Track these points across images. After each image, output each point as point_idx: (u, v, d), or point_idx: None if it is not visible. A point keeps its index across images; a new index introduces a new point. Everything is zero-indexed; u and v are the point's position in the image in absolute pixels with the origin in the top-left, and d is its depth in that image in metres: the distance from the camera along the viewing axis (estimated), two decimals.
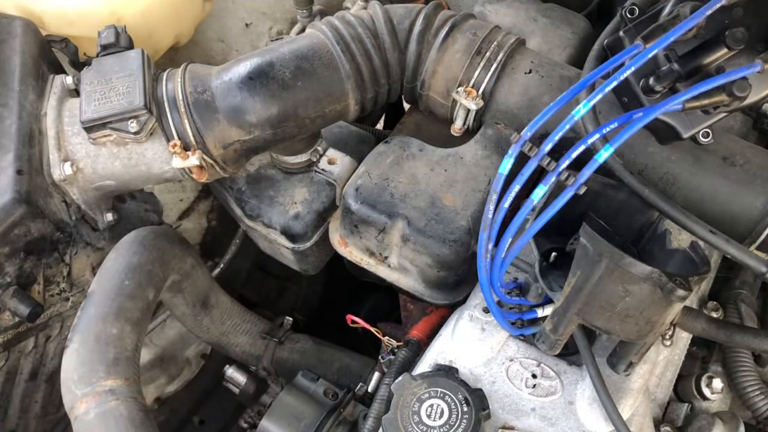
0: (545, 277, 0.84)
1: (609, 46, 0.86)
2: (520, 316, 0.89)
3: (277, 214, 1.08)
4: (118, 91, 0.94)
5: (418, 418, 0.80)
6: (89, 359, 0.83)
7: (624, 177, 0.81)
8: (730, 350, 0.97)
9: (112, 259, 0.95)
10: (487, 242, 0.79)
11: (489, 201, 0.77)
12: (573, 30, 1.23)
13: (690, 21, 0.74)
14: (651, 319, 0.72)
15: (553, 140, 0.75)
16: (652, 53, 0.74)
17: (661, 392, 0.92)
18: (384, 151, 1.01)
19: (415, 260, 0.99)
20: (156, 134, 0.95)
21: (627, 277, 0.69)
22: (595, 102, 0.75)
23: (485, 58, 0.99)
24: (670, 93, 0.81)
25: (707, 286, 1.02)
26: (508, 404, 0.85)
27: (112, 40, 0.99)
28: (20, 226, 0.91)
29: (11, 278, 0.95)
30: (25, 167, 0.92)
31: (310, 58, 0.95)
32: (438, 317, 1.05)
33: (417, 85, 1.03)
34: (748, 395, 0.93)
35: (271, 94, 0.94)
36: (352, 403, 1.02)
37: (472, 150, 1.01)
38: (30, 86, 0.99)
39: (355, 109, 1.01)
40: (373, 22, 1.00)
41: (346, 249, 1.06)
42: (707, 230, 0.78)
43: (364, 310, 1.49)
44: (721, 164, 0.88)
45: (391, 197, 0.96)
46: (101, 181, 0.99)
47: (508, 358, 0.88)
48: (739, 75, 0.74)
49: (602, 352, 0.87)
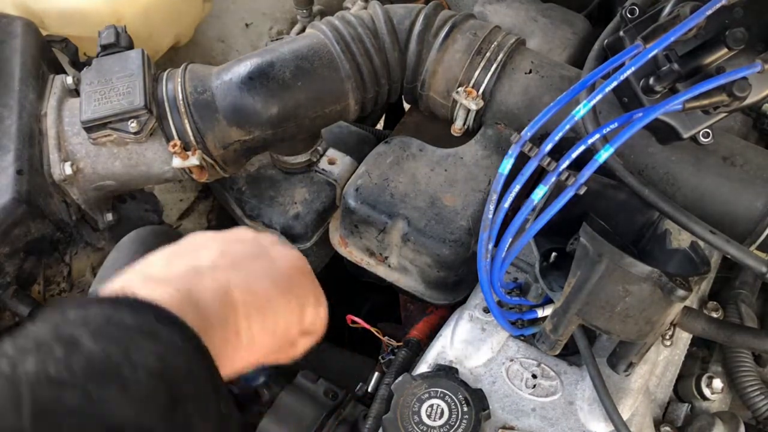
0: (545, 277, 0.84)
1: (609, 46, 0.86)
2: (520, 316, 0.89)
3: (277, 214, 1.08)
4: (119, 91, 0.94)
5: (418, 418, 0.80)
6: None
7: (624, 177, 0.81)
8: (730, 350, 0.97)
9: (112, 259, 0.94)
10: (487, 242, 0.79)
11: (489, 201, 0.77)
12: (573, 30, 1.23)
13: (690, 21, 0.74)
14: (651, 319, 0.72)
15: (553, 140, 0.75)
16: (652, 53, 0.74)
17: (661, 392, 0.92)
18: (384, 151, 1.01)
19: (415, 260, 0.99)
20: (156, 134, 0.95)
21: (627, 277, 0.69)
22: (595, 102, 0.75)
23: (485, 58, 0.99)
24: (670, 93, 0.81)
25: (707, 286, 1.02)
26: (508, 404, 0.85)
27: (112, 40, 0.99)
28: (20, 226, 0.91)
29: (11, 278, 0.95)
30: (25, 167, 0.91)
31: (310, 58, 0.95)
32: (438, 317, 1.05)
33: (417, 85, 1.03)
34: (748, 395, 0.93)
35: (271, 94, 0.94)
36: (352, 403, 1.02)
37: (472, 150, 1.01)
38: (30, 86, 0.99)
39: (355, 109, 1.01)
40: (373, 22, 1.00)
41: (346, 249, 1.06)
42: (707, 230, 0.78)
43: (364, 310, 1.49)
44: (721, 164, 0.88)
45: (391, 197, 0.96)
46: (101, 181, 0.99)
47: (508, 358, 0.88)
48: (739, 75, 0.74)
49: (602, 352, 0.87)
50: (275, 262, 0.59)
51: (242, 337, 0.52)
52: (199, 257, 0.55)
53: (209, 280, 0.52)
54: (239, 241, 0.60)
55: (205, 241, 0.58)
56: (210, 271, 0.53)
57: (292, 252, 0.63)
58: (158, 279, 0.50)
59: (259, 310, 0.54)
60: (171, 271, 0.52)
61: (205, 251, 0.56)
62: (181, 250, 0.57)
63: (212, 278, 0.52)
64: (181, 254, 0.56)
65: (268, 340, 0.56)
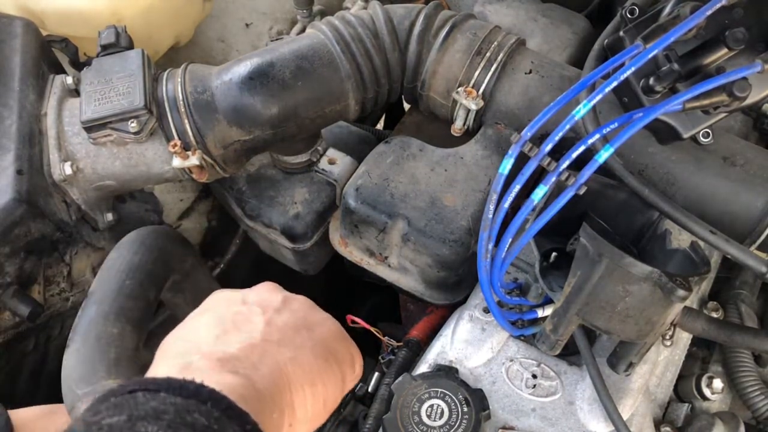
0: (545, 277, 0.84)
1: (609, 46, 0.86)
2: (520, 316, 0.89)
3: (277, 214, 1.08)
4: (119, 91, 0.94)
5: (418, 418, 0.80)
6: (90, 359, 0.83)
7: (624, 177, 0.81)
8: (730, 350, 0.97)
9: (112, 259, 0.95)
10: (487, 242, 0.79)
11: (489, 201, 0.77)
12: (573, 30, 1.23)
13: (690, 21, 0.74)
14: (651, 319, 0.72)
15: (553, 140, 0.75)
16: (652, 53, 0.74)
17: (661, 392, 0.92)
18: (384, 151, 1.01)
19: (415, 260, 0.99)
20: (156, 134, 0.95)
21: (627, 277, 0.69)
22: (596, 102, 0.75)
23: (485, 58, 0.99)
24: (671, 93, 0.81)
25: (707, 286, 1.02)
26: (508, 404, 0.85)
27: (113, 40, 0.99)
28: (20, 226, 0.91)
29: (11, 278, 0.95)
30: (25, 167, 0.92)
31: (310, 58, 0.95)
32: (438, 317, 1.05)
33: (417, 86, 1.03)
34: (748, 395, 0.93)
35: (271, 94, 0.94)
36: (352, 403, 1.02)
37: (472, 150, 1.01)
38: (30, 86, 0.99)
39: (356, 109, 1.01)
40: (373, 22, 1.00)
41: (346, 249, 1.06)
42: (707, 230, 0.78)
43: (364, 310, 1.49)
44: (721, 164, 0.88)
45: (391, 197, 0.96)
46: (101, 181, 0.99)
47: (508, 359, 0.88)
48: (740, 75, 0.74)
49: (602, 352, 0.87)
50: (314, 331, 0.63)
51: (297, 413, 0.56)
52: (250, 331, 0.58)
53: (266, 360, 0.55)
54: (278, 311, 0.63)
55: (248, 313, 0.61)
56: (262, 347, 0.56)
57: (326, 318, 0.66)
58: (219, 360, 0.53)
59: (311, 384, 0.58)
60: (227, 350, 0.55)
61: (252, 324, 0.59)
62: (227, 321, 0.59)
63: (266, 356, 0.56)
64: (228, 329, 0.58)
65: (320, 409, 0.59)
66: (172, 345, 0.58)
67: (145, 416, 0.41)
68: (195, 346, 0.56)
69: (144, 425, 0.40)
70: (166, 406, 0.43)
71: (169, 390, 0.45)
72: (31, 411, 0.80)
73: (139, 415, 0.41)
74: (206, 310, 0.63)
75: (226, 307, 0.62)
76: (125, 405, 0.43)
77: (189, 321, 0.61)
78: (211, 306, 0.63)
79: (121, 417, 0.41)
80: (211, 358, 0.53)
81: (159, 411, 0.42)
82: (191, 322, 0.61)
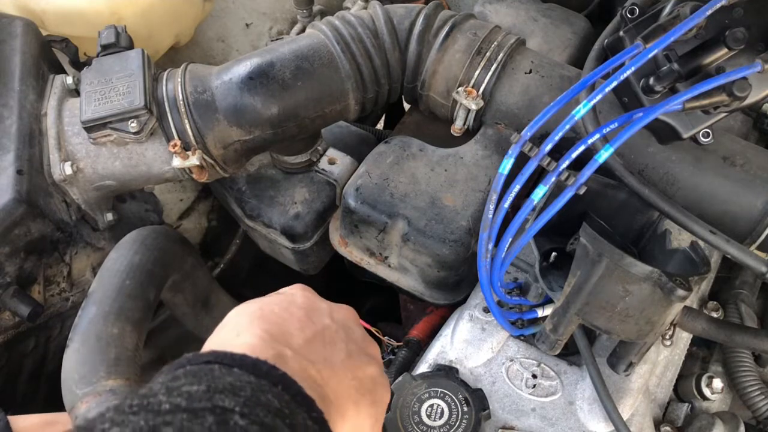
0: (545, 277, 0.84)
1: (609, 46, 0.86)
2: (520, 316, 0.89)
3: (278, 214, 1.08)
4: (119, 91, 0.94)
5: (418, 418, 0.80)
6: (90, 359, 0.83)
7: (624, 177, 0.81)
8: (730, 350, 0.97)
9: (112, 259, 0.95)
10: (487, 242, 0.79)
11: (489, 201, 0.77)
12: (573, 30, 1.23)
13: (690, 21, 0.74)
14: (651, 319, 0.72)
15: (553, 140, 0.75)
16: (652, 53, 0.74)
17: (661, 392, 0.92)
18: (384, 151, 1.01)
19: (415, 260, 0.99)
20: (156, 134, 0.95)
21: (627, 277, 0.69)
22: (596, 102, 0.75)
23: (485, 58, 0.99)
24: (670, 93, 0.81)
25: (707, 286, 1.02)
26: (508, 404, 0.85)
27: (113, 40, 0.99)
28: (20, 226, 0.91)
29: (11, 278, 0.95)
30: (25, 167, 0.92)
31: (310, 58, 0.95)
32: (438, 317, 1.05)
33: (417, 85, 1.03)
34: (748, 395, 0.93)
35: (271, 94, 0.94)
36: None
37: (472, 150, 1.01)
38: (30, 86, 0.99)
39: (356, 109, 1.01)
40: (373, 22, 1.00)
41: (346, 249, 1.06)
42: (707, 230, 0.78)
43: (364, 310, 1.49)
44: (721, 164, 0.88)
45: (391, 197, 0.96)
46: (101, 181, 0.99)
47: (508, 358, 0.88)
48: (739, 75, 0.74)
49: (602, 352, 0.87)
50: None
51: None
52: (332, 354, 0.59)
53: (332, 385, 0.55)
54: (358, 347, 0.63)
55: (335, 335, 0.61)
56: (337, 377, 0.57)
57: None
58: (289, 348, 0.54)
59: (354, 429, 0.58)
60: (311, 357, 0.56)
61: (335, 348, 0.60)
62: (317, 329, 0.60)
63: (336, 385, 0.56)
64: (317, 338, 0.59)
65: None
66: (259, 320, 0.56)
67: (223, 390, 0.42)
68: (285, 338, 0.55)
69: (222, 398, 0.41)
70: (242, 383, 0.44)
71: (243, 367, 0.46)
72: (31, 419, 0.80)
73: (217, 388, 0.42)
74: (292, 303, 0.62)
75: (316, 313, 0.62)
76: (203, 376, 0.43)
77: (276, 305, 0.60)
78: (301, 303, 0.62)
79: (200, 387, 0.42)
80: (301, 362, 0.53)
81: (236, 387, 0.43)
82: (279, 308, 0.59)
